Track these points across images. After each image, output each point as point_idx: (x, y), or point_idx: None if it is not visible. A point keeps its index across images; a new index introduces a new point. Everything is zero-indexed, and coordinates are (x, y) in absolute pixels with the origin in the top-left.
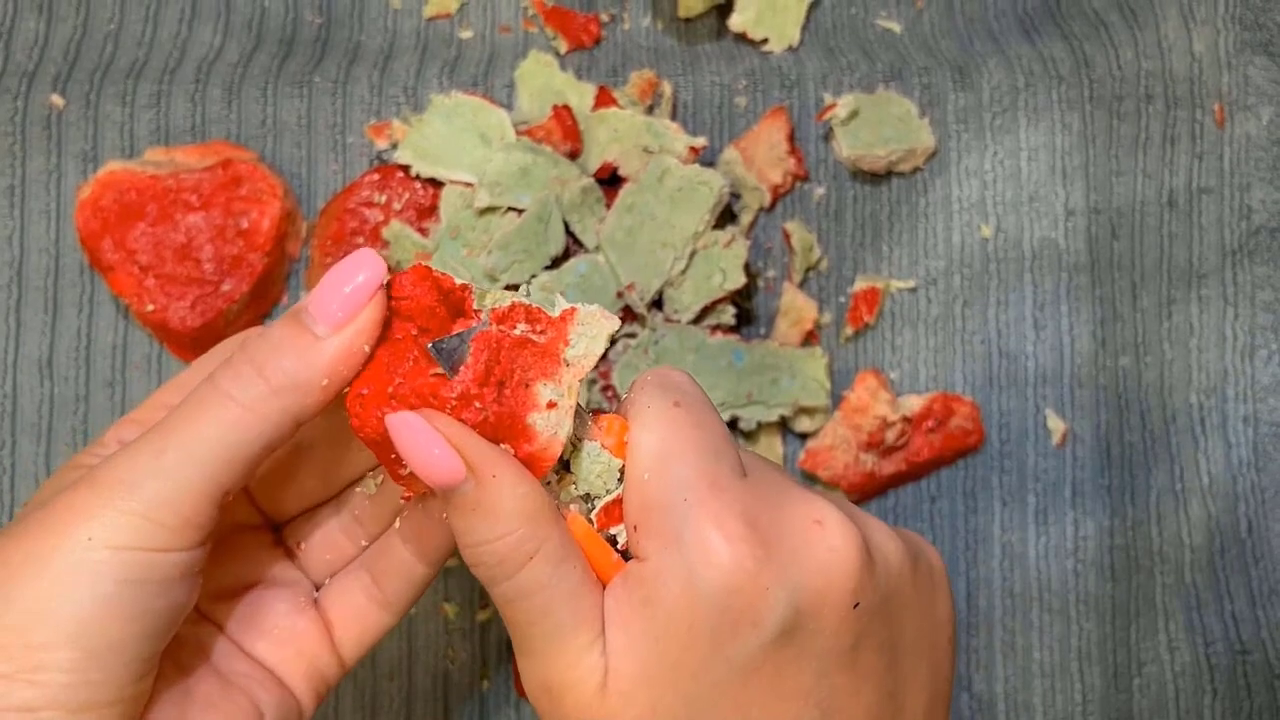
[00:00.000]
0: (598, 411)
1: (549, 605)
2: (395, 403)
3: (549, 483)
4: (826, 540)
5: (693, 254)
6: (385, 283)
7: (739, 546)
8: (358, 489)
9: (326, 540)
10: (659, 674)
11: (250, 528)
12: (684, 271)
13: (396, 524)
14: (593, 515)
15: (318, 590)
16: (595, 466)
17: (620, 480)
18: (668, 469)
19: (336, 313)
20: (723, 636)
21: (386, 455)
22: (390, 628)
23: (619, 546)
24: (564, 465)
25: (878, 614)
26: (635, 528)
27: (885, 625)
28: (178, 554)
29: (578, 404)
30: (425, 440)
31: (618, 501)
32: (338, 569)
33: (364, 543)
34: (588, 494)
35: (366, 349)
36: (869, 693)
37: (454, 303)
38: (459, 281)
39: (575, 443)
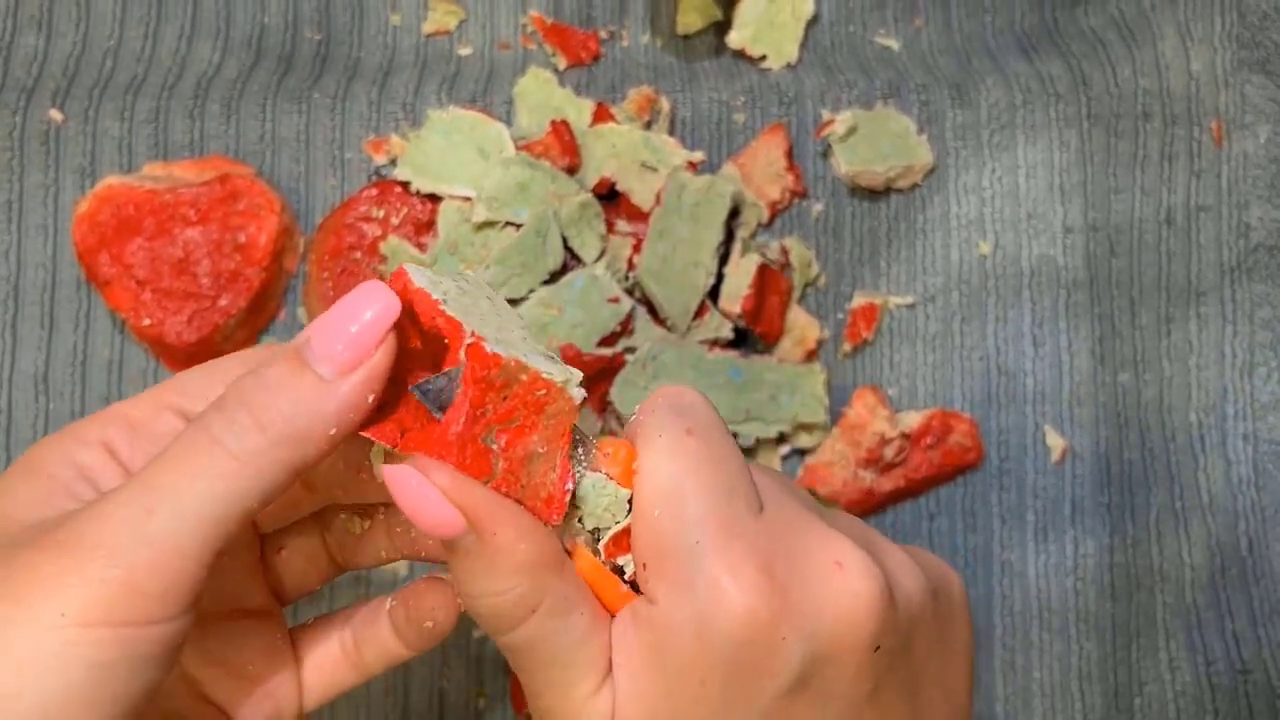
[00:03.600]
0: (603, 438)
1: (553, 656)
2: (405, 440)
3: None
4: (848, 584)
5: (721, 263)
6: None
7: (753, 596)
8: (341, 515)
9: (310, 554)
10: None
11: (237, 539)
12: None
13: (389, 603)
14: (600, 546)
15: (286, 602)
16: (602, 499)
17: (629, 510)
18: (680, 507)
19: (343, 354)
20: (735, 688)
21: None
22: (355, 686)
23: (626, 577)
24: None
25: (898, 654)
26: (644, 566)
27: (905, 664)
28: (160, 626)
29: (581, 433)
30: (422, 493)
31: (626, 531)
32: (314, 587)
33: (343, 567)
34: (595, 527)
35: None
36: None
37: (433, 336)
38: (445, 310)
39: (580, 474)
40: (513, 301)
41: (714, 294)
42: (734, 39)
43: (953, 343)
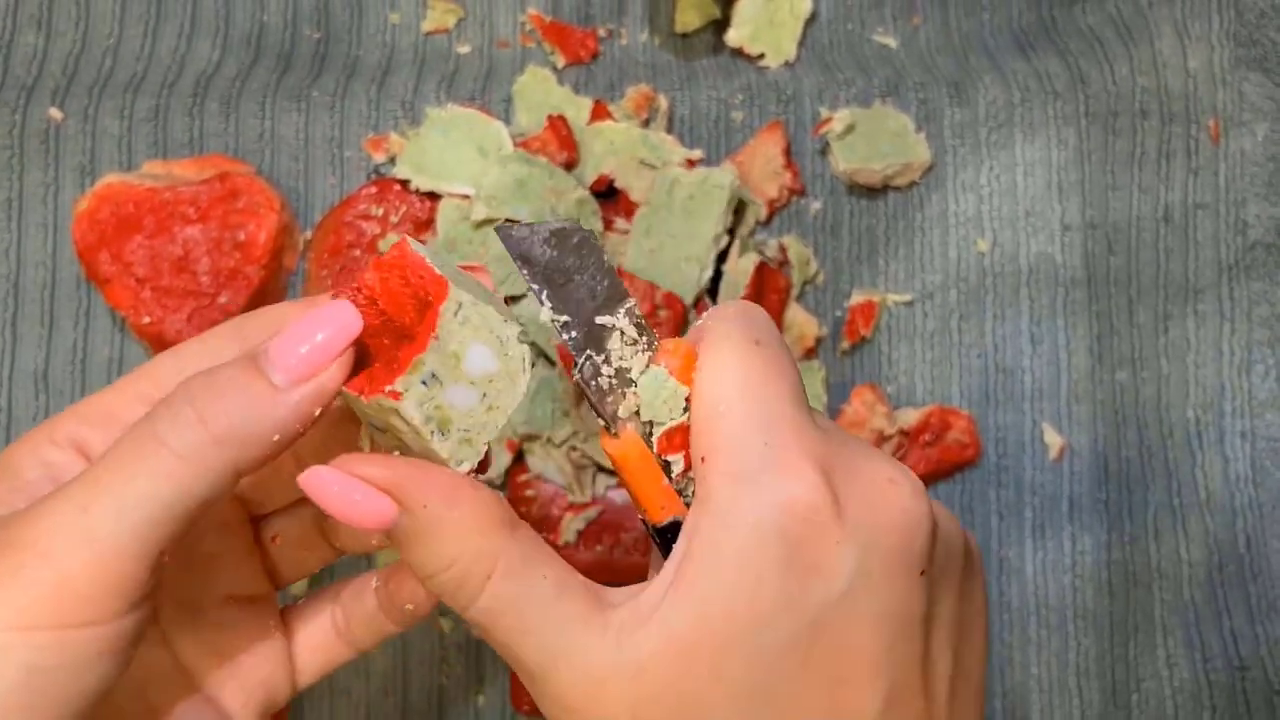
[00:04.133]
0: (664, 339)
1: (525, 620)
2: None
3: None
4: (901, 499)
5: (720, 258)
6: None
7: (815, 494)
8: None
9: (305, 538)
10: (724, 630)
11: (230, 524)
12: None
13: (374, 581)
14: (653, 440)
15: (282, 585)
16: (661, 393)
17: (685, 409)
18: (746, 406)
19: (298, 365)
20: (790, 587)
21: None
22: (349, 661)
23: (672, 476)
24: (629, 383)
25: (943, 587)
26: (704, 459)
27: (950, 599)
28: (102, 627)
29: (644, 324)
30: (342, 490)
31: (680, 429)
32: (312, 569)
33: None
34: (650, 419)
35: (316, 412)
36: (940, 669)
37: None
38: (436, 270)
39: (641, 366)
40: (511, 300)
41: (713, 290)
42: (732, 37)
43: (951, 340)
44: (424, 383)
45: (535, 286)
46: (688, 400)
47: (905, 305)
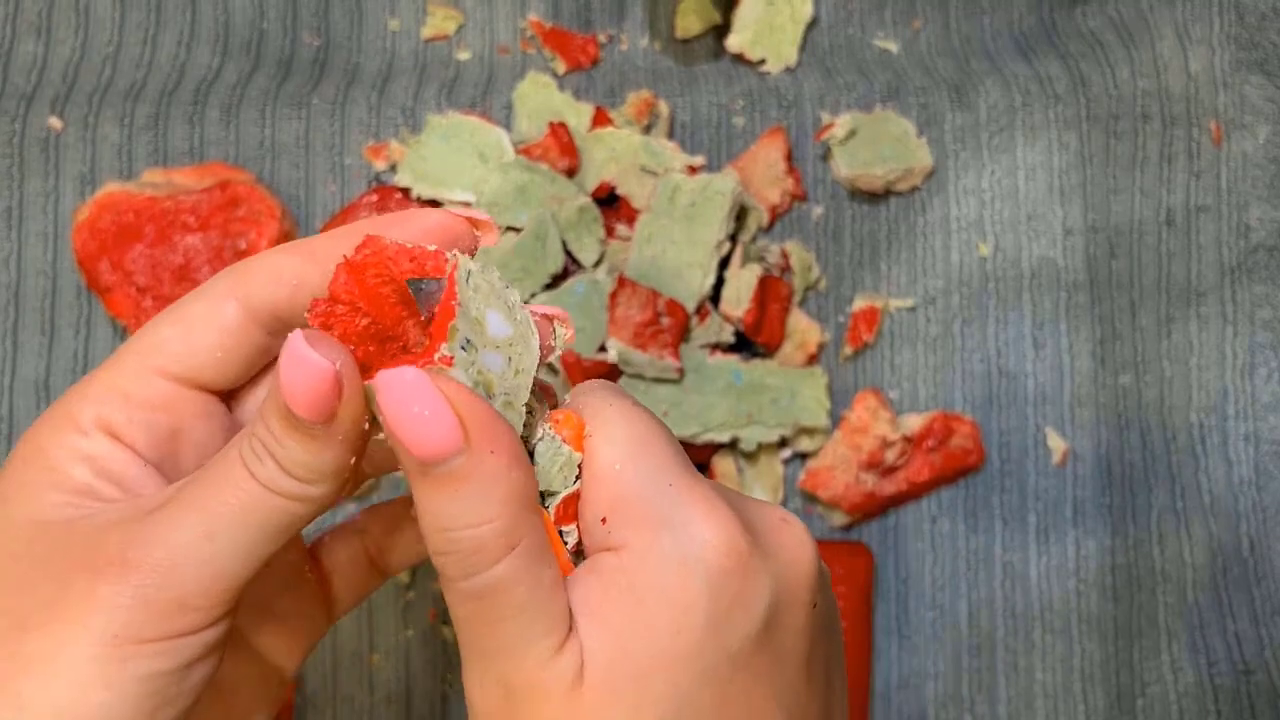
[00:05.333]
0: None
1: (526, 602)
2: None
3: None
4: (795, 538)
5: (722, 264)
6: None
7: (732, 529)
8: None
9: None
10: (648, 663)
11: None
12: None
13: (412, 510)
14: (550, 510)
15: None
16: (556, 461)
17: (577, 477)
18: (645, 457)
19: (316, 410)
20: (717, 621)
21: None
22: (380, 586)
23: (568, 546)
24: (528, 453)
25: (822, 623)
26: (604, 520)
27: (826, 636)
28: (207, 631)
29: (537, 397)
30: (420, 398)
31: (574, 497)
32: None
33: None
34: (545, 490)
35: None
36: (815, 710)
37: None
38: (426, 247)
39: (537, 437)
40: None
41: (715, 296)
42: (733, 42)
43: (953, 345)
44: (462, 348)
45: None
46: (579, 468)
47: (908, 310)
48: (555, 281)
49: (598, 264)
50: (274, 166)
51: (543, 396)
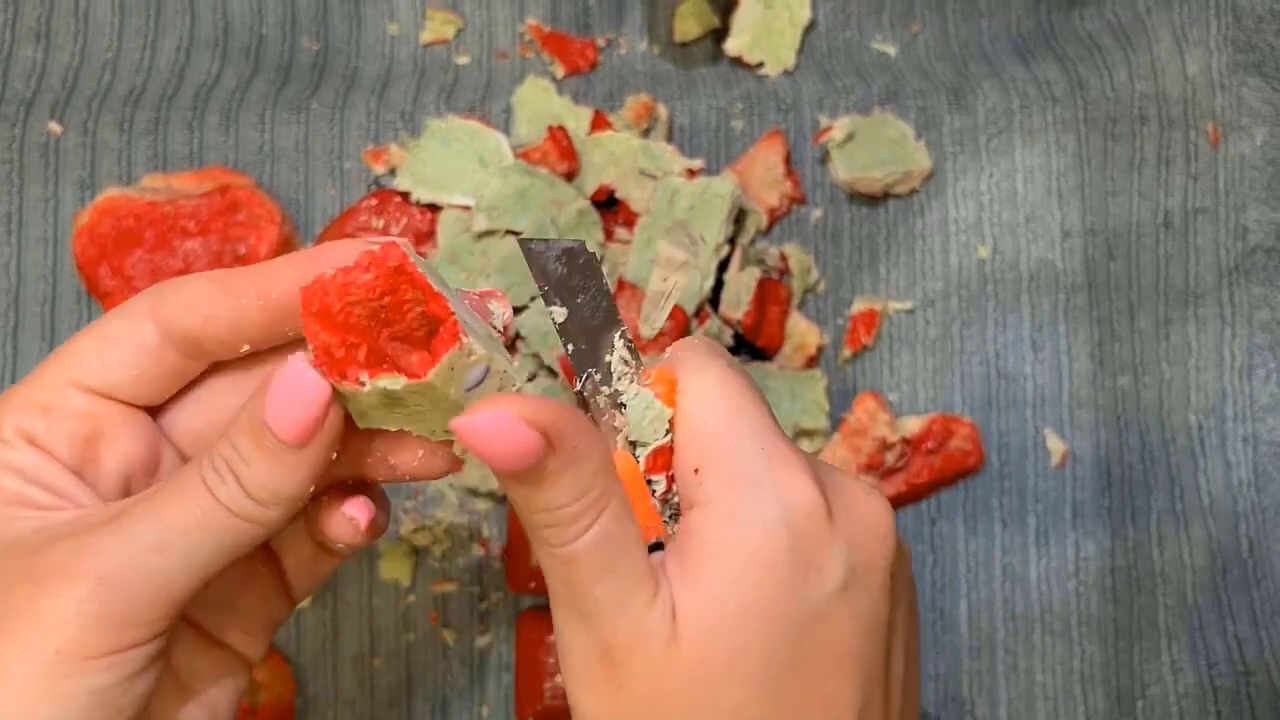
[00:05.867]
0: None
1: (616, 560)
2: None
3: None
4: (875, 510)
5: (721, 267)
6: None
7: (815, 496)
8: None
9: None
10: (738, 617)
11: None
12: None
13: (349, 511)
14: (639, 460)
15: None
16: (649, 413)
17: (668, 432)
18: (738, 419)
19: (296, 431)
20: (796, 580)
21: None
22: (339, 565)
23: (655, 496)
24: (619, 405)
25: (899, 594)
26: (697, 471)
27: (903, 605)
28: (152, 642)
29: (631, 349)
30: (500, 431)
31: (663, 450)
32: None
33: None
34: (635, 441)
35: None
36: (896, 669)
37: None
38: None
39: (628, 389)
40: (514, 310)
41: (714, 299)
42: (731, 46)
43: (952, 347)
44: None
45: (556, 299)
46: (670, 423)
47: (906, 313)
48: None
49: None
50: (273, 171)
51: (637, 351)
